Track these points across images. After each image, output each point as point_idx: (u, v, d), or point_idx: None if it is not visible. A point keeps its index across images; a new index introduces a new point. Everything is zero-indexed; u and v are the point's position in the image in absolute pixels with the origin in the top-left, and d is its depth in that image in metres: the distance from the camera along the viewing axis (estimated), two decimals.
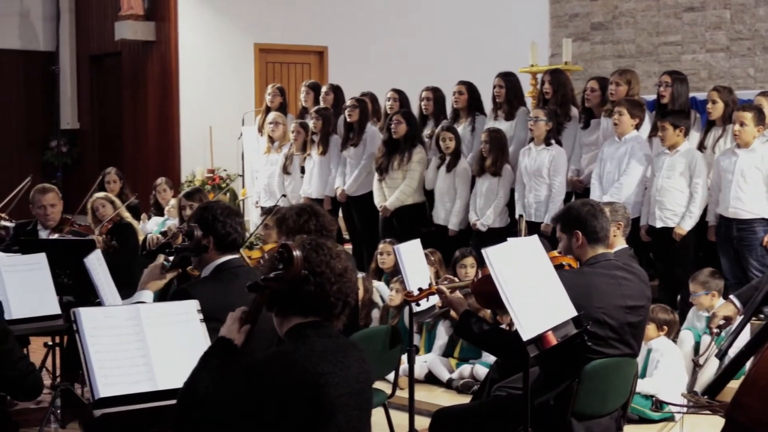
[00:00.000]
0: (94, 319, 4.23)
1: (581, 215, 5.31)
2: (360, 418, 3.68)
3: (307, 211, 6.13)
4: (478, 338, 5.16)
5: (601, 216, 5.33)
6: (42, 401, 8.04)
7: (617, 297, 5.18)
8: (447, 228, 10.02)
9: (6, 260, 6.31)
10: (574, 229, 5.30)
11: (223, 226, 4.98)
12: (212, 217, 5.00)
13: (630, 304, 5.22)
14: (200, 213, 5.10)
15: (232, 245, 5.04)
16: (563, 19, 15.10)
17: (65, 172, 16.15)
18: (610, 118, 9.09)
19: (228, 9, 15.12)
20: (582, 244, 5.29)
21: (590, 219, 5.28)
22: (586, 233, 5.27)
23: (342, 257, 3.74)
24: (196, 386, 3.60)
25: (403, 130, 10.19)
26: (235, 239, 5.05)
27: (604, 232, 5.32)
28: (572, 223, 5.33)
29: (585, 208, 5.35)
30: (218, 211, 5.03)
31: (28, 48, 16.50)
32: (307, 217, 6.07)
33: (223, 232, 4.99)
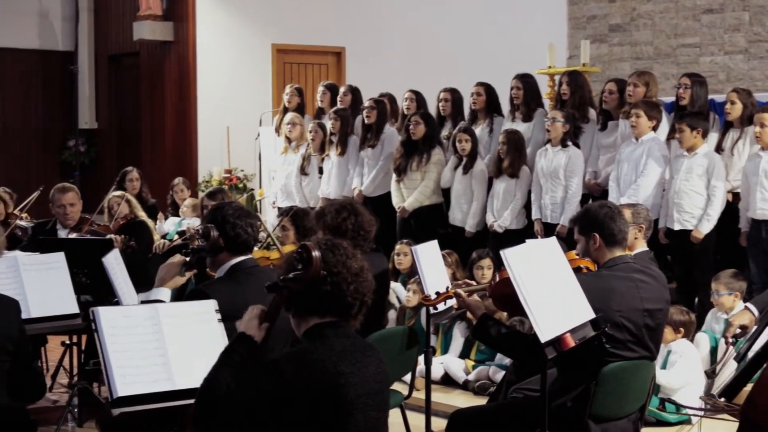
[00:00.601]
0: (113, 318, 4.24)
1: (599, 217, 5.29)
2: (378, 419, 3.69)
3: (347, 208, 6.14)
4: (496, 341, 5.15)
5: (619, 218, 5.32)
6: (59, 400, 8.08)
7: (636, 300, 5.17)
8: (463, 229, 10.01)
9: (25, 259, 6.33)
10: (592, 232, 5.29)
11: (232, 228, 4.97)
12: (222, 218, 4.99)
13: (648, 307, 5.21)
14: (211, 214, 5.10)
15: (243, 246, 5.03)
16: (581, 21, 15.06)
17: (83, 172, 16.20)
18: (627, 119, 9.07)
19: (246, 9, 15.14)
20: (600, 247, 5.28)
21: (608, 221, 5.27)
22: (603, 236, 5.26)
23: (358, 257, 3.75)
24: (217, 383, 3.61)
25: (422, 131, 10.18)
26: (246, 240, 5.03)
27: (622, 235, 5.31)
28: (590, 225, 5.32)
29: (603, 210, 5.34)
30: (229, 213, 5.02)
31: (47, 48, 16.55)
32: (346, 215, 6.08)
33: (232, 234, 4.98)
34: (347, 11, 15.48)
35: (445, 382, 8.40)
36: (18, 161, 16.11)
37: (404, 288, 8.99)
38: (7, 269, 6.14)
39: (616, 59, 14.65)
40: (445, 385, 8.37)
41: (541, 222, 9.44)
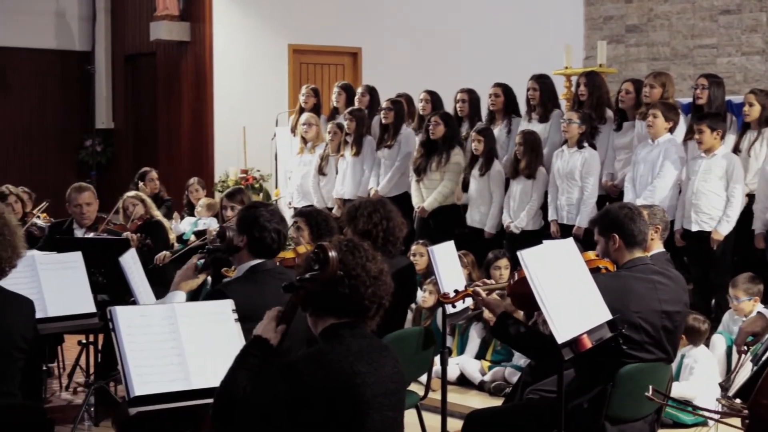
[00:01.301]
0: (130, 317, 4.25)
1: (619, 218, 5.29)
2: (394, 419, 3.70)
3: (379, 212, 6.15)
4: (515, 340, 5.14)
5: (639, 219, 5.31)
6: (75, 399, 8.10)
7: (654, 301, 5.16)
8: (480, 230, 10.00)
9: (42, 258, 6.34)
10: (612, 232, 5.28)
11: (259, 231, 4.97)
12: (253, 218, 4.99)
13: (667, 309, 5.20)
14: (244, 211, 5.11)
15: (266, 250, 5.03)
16: (598, 22, 15.03)
17: (99, 172, 16.23)
18: (644, 120, 9.05)
19: (262, 10, 15.15)
20: (619, 248, 5.27)
21: (628, 222, 5.26)
22: (623, 236, 5.26)
23: (378, 259, 3.75)
24: (233, 386, 3.62)
25: (441, 131, 10.18)
26: (269, 245, 5.02)
27: (642, 236, 5.30)
28: (610, 226, 5.31)
29: (623, 211, 5.33)
30: (262, 215, 5.02)
31: (64, 48, 16.59)
32: (377, 220, 6.10)
33: (258, 237, 4.97)
34: (364, 12, 15.47)
35: (461, 383, 8.40)
36: (35, 161, 16.16)
37: (420, 288, 8.98)
38: (24, 268, 6.13)
39: (633, 60, 14.61)
40: (461, 386, 8.36)
41: (558, 223, 9.43)
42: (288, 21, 15.23)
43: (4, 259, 4.48)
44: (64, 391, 8.38)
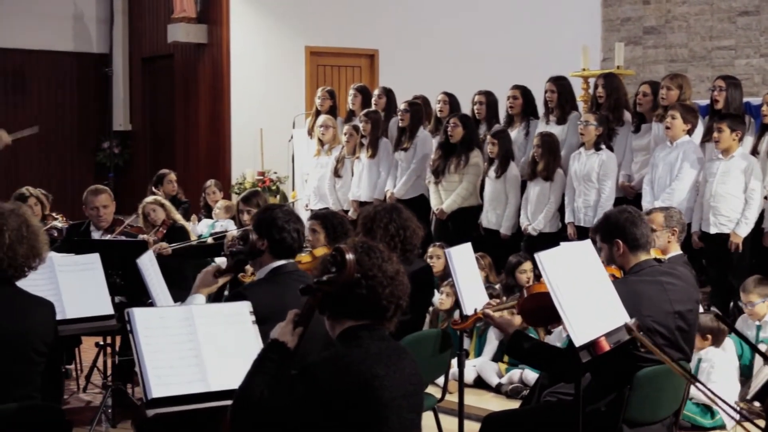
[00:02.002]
0: (148, 319, 4.26)
1: (620, 223, 5.25)
2: (413, 421, 3.69)
3: (395, 222, 6.16)
4: (531, 357, 5.15)
5: (640, 222, 5.28)
6: (93, 401, 8.12)
7: (665, 303, 5.15)
8: (496, 232, 9.99)
9: (60, 260, 6.36)
10: (615, 238, 5.25)
11: (279, 232, 5.00)
12: (270, 220, 5.02)
13: (679, 309, 5.20)
14: (260, 215, 5.14)
15: (287, 251, 5.06)
16: (615, 23, 15.01)
17: (117, 174, 16.27)
18: (661, 122, 9.03)
19: (280, 12, 15.17)
20: (624, 253, 5.25)
21: (629, 226, 5.23)
22: (626, 241, 5.23)
23: (394, 260, 3.74)
24: (251, 391, 3.61)
25: (460, 133, 10.18)
26: (290, 246, 5.07)
27: (644, 239, 5.27)
28: (612, 232, 5.27)
29: (623, 215, 5.29)
30: (279, 216, 5.05)
31: (82, 50, 16.64)
32: (394, 231, 6.12)
33: (278, 238, 5.01)
34: (380, 14, 15.48)
35: (478, 385, 8.38)
36: (53, 163, 16.21)
37: (437, 291, 8.97)
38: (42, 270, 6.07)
39: (651, 62, 14.58)
40: (478, 388, 8.35)
41: (575, 225, 9.42)
42: (305, 23, 15.25)
43: (20, 255, 4.48)
44: (81, 392, 8.39)
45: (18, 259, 4.47)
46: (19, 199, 9.22)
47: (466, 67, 14.69)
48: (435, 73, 14.35)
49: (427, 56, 15.23)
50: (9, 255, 4.45)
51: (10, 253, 4.44)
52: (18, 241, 4.47)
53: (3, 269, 4.45)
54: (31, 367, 4.44)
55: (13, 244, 4.45)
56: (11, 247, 4.45)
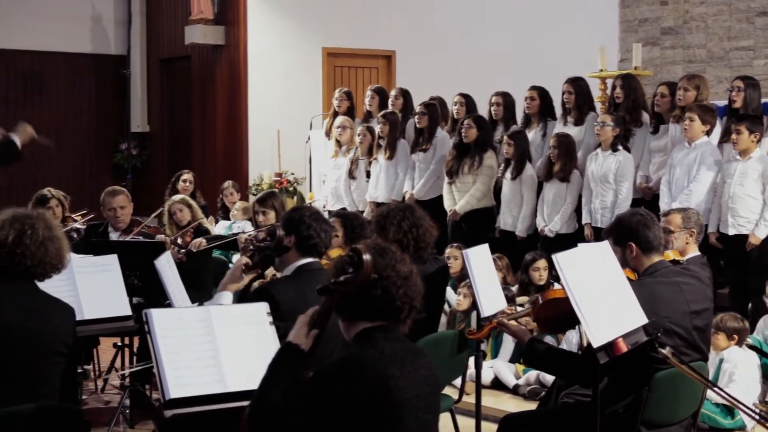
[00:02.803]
0: (166, 320, 4.27)
1: (632, 226, 5.26)
2: (429, 422, 3.69)
3: (408, 220, 6.18)
4: (546, 364, 5.16)
5: (653, 224, 5.29)
6: (111, 401, 8.14)
7: (682, 304, 5.16)
8: (512, 233, 9.98)
9: (78, 261, 6.37)
10: (628, 241, 5.25)
11: (307, 229, 5.07)
12: (299, 218, 5.08)
13: (694, 308, 5.21)
14: (289, 213, 5.20)
15: (313, 249, 5.12)
16: (633, 24, 14.99)
17: (135, 175, 16.31)
18: (678, 123, 9.00)
19: (297, 13, 15.18)
20: (637, 255, 5.25)
21: (642, 229, 5.23)
22: (639, 243, 5.23)
23: (407, 261, 3.75)
24: (267, 397, 3.61)
25: (474, 134, 10.17)
26: (317, 244, 5.12)
27: (657, 240, 5.28)
28: (625, 234, 5.27)
29: (635, 218, 5.31)
30: (306, 214, 5.12)
31: (100, 52, 16.68)
32: (407, 228, 6.14)
33: (306, 235, 5.07)
34: (397, 15, 15.48)
35: (495, 387, 8.38)
36: (71, 164, 16.25)
37: (454, 292, 8.97)
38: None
39: (669, 62, 14.55)
40: (495, 390, 8.34)
41: (591, 226, 9.40)
42: (322, 24, 15.26)
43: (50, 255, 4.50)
44: (99, 392, 8.42)
45: (48, 257, 4.51)
46: (40, 200, 9.26)
47: (483, 68, 14.69)
48: (452, 74, 14.35)
49: (445, 57, 15.23)
50: (41, 251, 4.49)
51: (42, 249, 4.49)
52: (50, 239, 4.52)
53: (33, 265, 4.48)
54: (51, 368, 4.46)
55: (45, 241, 4.50)
56: (44, 244, 4.49)
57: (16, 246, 4.46)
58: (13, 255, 4.46)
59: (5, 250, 4.47)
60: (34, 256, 4.47)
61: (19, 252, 4.46)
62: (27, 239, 4.47)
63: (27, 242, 4.46)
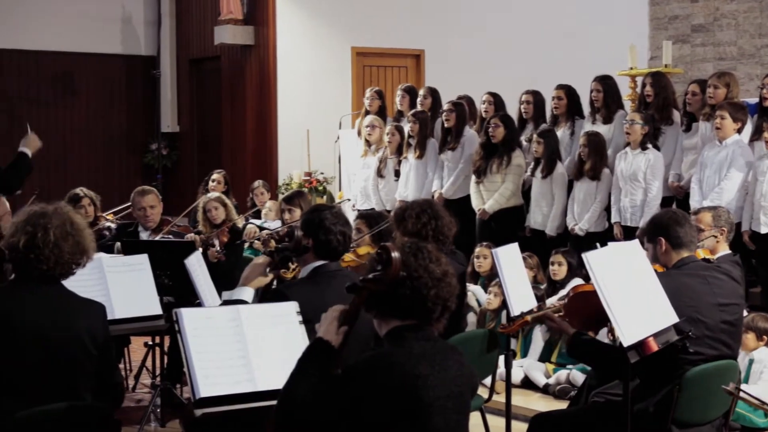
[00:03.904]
0: (196, 319, 4.27)
1: (663, 222, 5.35)
2: (458, 422, 3.68)
3: (427, 212, 6.17)
4: (591, 357, 5.15)
5: (684, 222, 5.34)
6: (142, 400, 8.18)
7: (708, 295, 5.17)
8: (542, 232, 9.96)
9: (109, 261, 6.40)
10: (658, 236, 5.32)
11: (325, 233, 4.96)
12: (318, 221, 5.00)
13: (722, 301, 5.20)
14: (308, 214, 5.13)
15: (331, 253, 5.03)
16: (663, 22, 14.92)
17: (165, 175, 16.37)
18: (708, 121, 8.96)
19: (326, 13, 15.20)
20: (666, 250, 5.30)
21: (673, 224, 5.30)
22: (669, 239, 5.28)
23: (442, 261, 3.73)
24: (295, 392, 3.61)
25: (501, 133, 10.15)
26: (335, 248, 5.02)
27: (688, 238, 5.32)
28: (655, 230, 5.36)
29: (668, 215, 5.43)
30: (327, 217, 5.02)
31: (130, 53, 16.77)
32: (426, 220, 6.12)
33: (323, 239, 4.97)
34: (426, 14, 15.47)
35: (525, 386, 8.37)
36: (101, 164, 16.34)
37: (484, 291, 8.96)
38: (91, 270, 6.19)
39: (699, 60, 14.48)
40: (525, 389, 8.33)
41: (621, 225, 9.36)
42: (351, 24, 15.27)
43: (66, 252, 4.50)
44: (130, 391, 8.45)
45: (64, 256, 4.49)
46: (72, 200, 9.29)
47: (512, 67, 14.66)
48: (481, 72, 14.32)
49: (474, 56, 15.21)
50: (55, 252, 4.45)
51: (56, 250, 4.45)
52: (63, 237, 4.48)
53: (50, 267, 4.47)
54: (80, 370, 4.46)
55: (58, 241, 4.46)
56: (57, 245, 4.45)
57: (29, 251, 4.44)
58: (28, 260, 4.45)
59: (19, 255, 4.46)
60: (49, 259, 4.45)
61: (33, 257, 4.44)
62: (39, 242, 4.43)
63: (39, 245, 4.43)
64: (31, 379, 4.35)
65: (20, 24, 15.63)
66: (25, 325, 4.36)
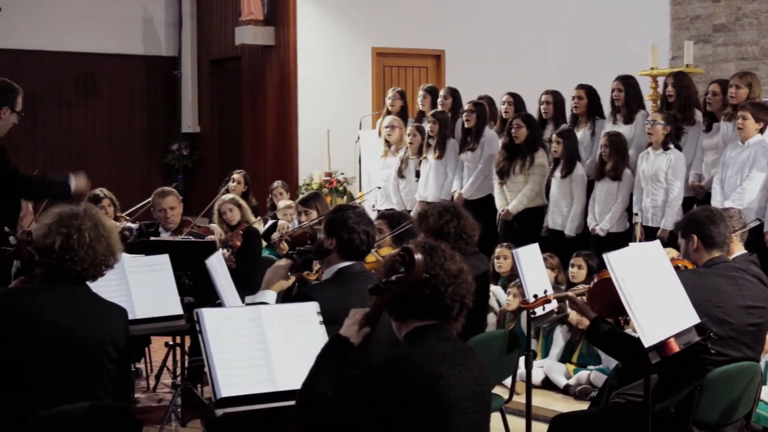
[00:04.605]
0: (217, 319, 4.28)
1: (698, 219, 5.35)
2: (479, 422, 3.68)
3: (450, 211, 6.18)
4: (609, 344, 5.13)
5: (720, 222, 5.34)
6: (163, 400, 8.21)
7: (736, 297, 5.15)
8: (562, 232, 9.94)
9: (131, 261, 6.42)
10: (691, 233, 5.33)
11: (348, 233, 4.95)
12: (341, 221, 4.99)
13: (750, 304, 5.19)
14: (331, 215, 5.12)
15: (355, 253, 5.01)
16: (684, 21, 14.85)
17: (186, 175, 16.41)
18: (730, 121, 8.92)
19: (346, 14, 15.21)
20: (698, 248, 5.31)
21: (707, 223, 5.30)
22: (702, 237, 5.29)
23: (457, 259, 3.74)
24: (314, 389, 3.62)
25: (524, 134, 10.14)
26: (359, 248, 5.01)
27: (721, 238, 5.31)
28: (689, 227, 5.38)
29: (704, 213, 5.41)
30: (350, 217, 5.00)
31: (151, 53, 16.84)
32: (448, 218, 6.13)
33: (347, 239, 4.96)
34: (447, 14, 15.46)
35: (545, 386, 8.35)
36: (122, 164, 16.41)
37: (504, 291, 8.95)
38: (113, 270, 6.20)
39: (721, 60, 14.40)
40: (545, 389, 8.32)
41: (642, 225, 9.33)
42: (371, 24, 15.28)
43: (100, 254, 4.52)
44: (151, 391, 8.48)
45: (98, 258, 4.51)
46: (93, 200, 9.33)
47: (532, 67, 14.64)
48: (502, 73, 14.31)
49: (494, 56, 15.19)
50: (90, 254, 4.47)
51: (90, 251, 4.47)
52: (97, 239, 4.50)
53: (84, 269, 4.49)
54: (101, 373, 4.47)
55: (92, 242, 4.48)
56: (92, 246, 4.48)
57: (65, 252, 4.44)
58: (63, 261, 4.45)
59: (54, 256, 4.45)
60: (84, 260, 4.46)
61: (68, 258, 4.44)
62: (74, 244, 4.44)
63: (75, 247, 4.44)
64: (52, 379, 4.36)
65: (43, 25, 15.72)
66: (50, 326, 4.38)
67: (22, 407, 4.29)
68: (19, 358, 4.34)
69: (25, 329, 4.36)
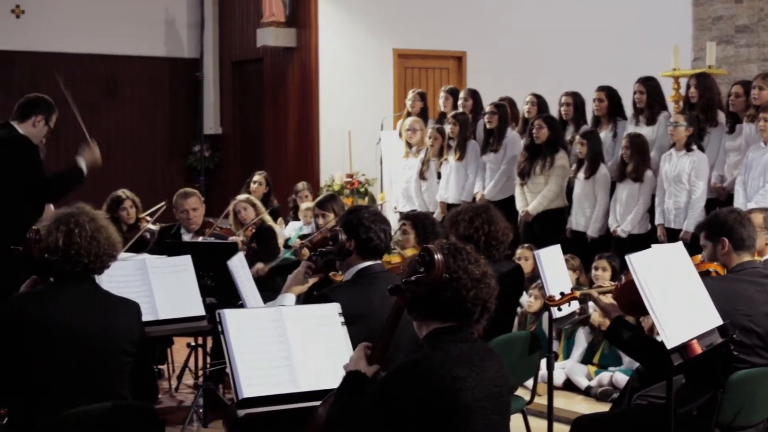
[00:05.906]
0: (239, 320, 4.30)
1: (728, 222, 5.26)
2: (499, 423, 3.67)
3: (481, 217, 6.17)
4: (629, 345, 5.11)
5: (748, 224, 5.30)
6: (184, 401, 8.23)
7: (764, 304, 5.10)
8: (584, 234, 9.92)
9: (153, 262, 6.45)
10: (721, 236, 5.25)
11: (365, 232, 4.98)
12: (357, 221, 5.01)
13: None
14: (346, 216, 5.15)
15: (374, 251, 5.04)
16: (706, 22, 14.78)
17: (208, 176, 16.46)
18: (752, 123, 8.89)
19: (368, 15, 15.23)
20: (728, 252, 5.24)
21: (737, 226, 5.24)
22: (732, 240, 5.22)
23: (481, 262, 3.73)
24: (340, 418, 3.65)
25: (545, 135, 10.13)
26: (377, 246, 5.04)
27: (750, 240, 5.28)
28: (719, 230, 5.28)
29: (732, 215, 5.32)
30: (365, 216, 5.04)
31: (173, 55, 16.90)
32: (479, 224, 6.13)
33: (365, 238, 4.99)
34: (468, 16, 15.45)
35: (567, 388, 8.34)
36: (145, 166, 16.47)
37: (525, 293, 8.93)
38: (136, 272, 6.27)
39: (743, 61, 14.34)
40: (567, 391, 8.30)
41: (664, 227, 9.31)
42: (393, 26, 15.29)
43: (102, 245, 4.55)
44: (173, 392, 8.50)
45: (102, 248, 4.55)
46: (115, 201, 9.39)
47: (554, 68, 14.60)
48: (523, 74, 14.28)
49: (515, 57, 15.16)
50: (93, 245, 4.52)
51: (93, 242, 4.52)
52: (97, 230, 4.56)
53: (90, 261, 4.53)
54: (120, 367, 4.50)
55: (94, 233, 4.54)
56: (94, 237, 4.53)
57: (69, 247, 4.49)
58: (69, 257, 4.50)
59: (59, 254, 4.50)
60: (89, 252, 4.51)
61: (73, 252, 4.49)
62: (77, 237, 4.50)
63: (78, 240, 4.50)
64: (71, 380, 4.39)
65: (66, 28, 15.79)
66: (62, 327, 4.40)
67: (44, 410, 4.31)
68: (38, 362, 4.37)
69: (39, 334, 4.38)
